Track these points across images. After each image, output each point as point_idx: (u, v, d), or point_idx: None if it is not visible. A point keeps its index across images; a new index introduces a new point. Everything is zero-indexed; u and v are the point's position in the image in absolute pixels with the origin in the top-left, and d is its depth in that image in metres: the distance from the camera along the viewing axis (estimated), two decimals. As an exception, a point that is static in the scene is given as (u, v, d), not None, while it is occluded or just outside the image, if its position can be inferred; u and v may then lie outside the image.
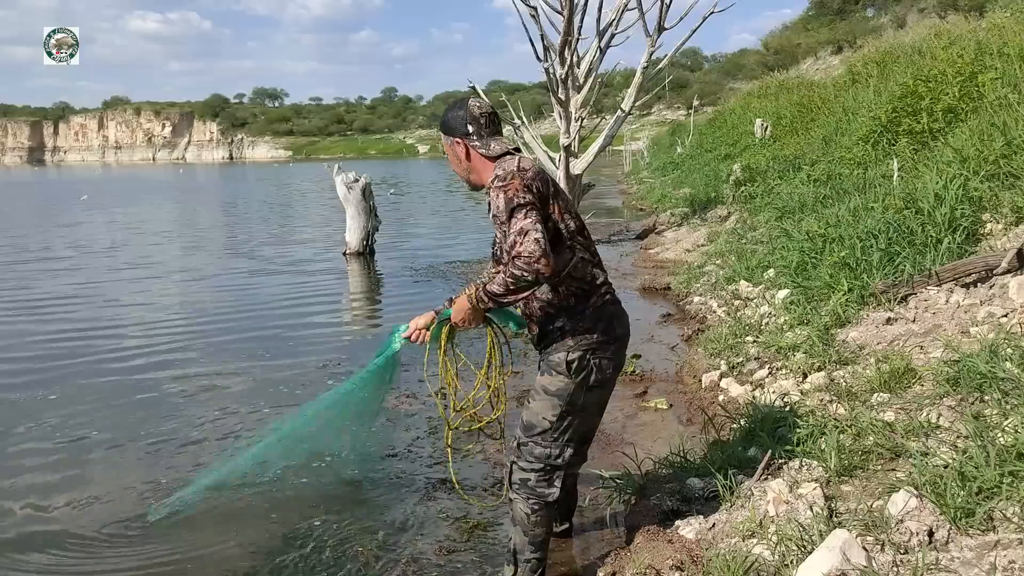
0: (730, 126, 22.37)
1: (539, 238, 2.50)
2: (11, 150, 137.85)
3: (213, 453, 4.62)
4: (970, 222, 5.05)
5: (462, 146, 2.85)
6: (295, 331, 7.78)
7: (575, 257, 2.74)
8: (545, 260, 2.49)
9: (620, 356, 2.90)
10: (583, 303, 2.76)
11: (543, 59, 11.10)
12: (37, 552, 3.58)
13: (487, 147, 2.82)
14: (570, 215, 2.78)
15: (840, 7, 35.40)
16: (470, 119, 2.83)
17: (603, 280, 2.84)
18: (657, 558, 2.88)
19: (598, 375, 2.79)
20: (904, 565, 2.35)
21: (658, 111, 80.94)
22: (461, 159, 2.87)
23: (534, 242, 2.49)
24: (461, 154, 2.86)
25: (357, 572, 3.28)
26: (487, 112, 2.86)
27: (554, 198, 2.72)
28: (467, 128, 2.83)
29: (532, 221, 2.53)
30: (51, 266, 12.75)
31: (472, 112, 2.83)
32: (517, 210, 2.56)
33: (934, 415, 3.18)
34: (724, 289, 7.22)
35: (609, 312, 2.81)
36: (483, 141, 2.82)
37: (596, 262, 2.84)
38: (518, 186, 2.59)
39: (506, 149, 2.81)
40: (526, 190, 2.59)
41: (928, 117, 7.96)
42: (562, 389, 2.78)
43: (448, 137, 2.89)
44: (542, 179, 2.70)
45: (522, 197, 2.57)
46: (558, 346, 2.78)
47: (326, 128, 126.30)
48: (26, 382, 6.16)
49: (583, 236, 2.81)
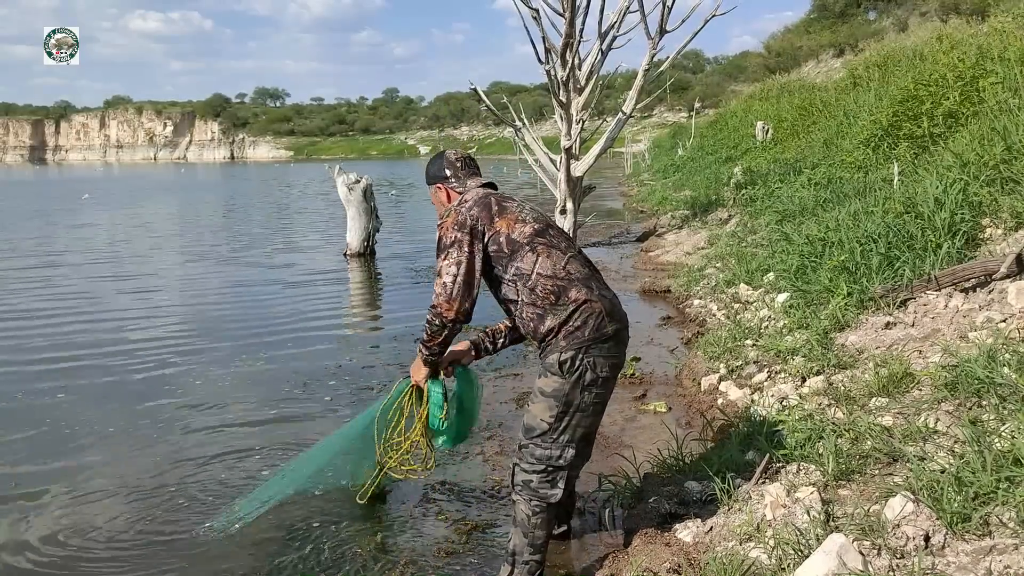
0: (731, 129, 22.40)
1: (446, 281, 2.82)
2: (12, 149, 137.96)
3: (209, 453, 4.65)
4: (970, 227, 5.05)
5: (443, 190, 3.18)
6: (295, 332, 7.77)
7: (538, 256, 2.86)
8: (446, 304, 2.82)
9: (617, 354, 2.92)
10: (563, 298, 2.83)
11: (544, 61, 11.09)
12: (37, 549, 3.59)
13: (463, 185, 3.13)
14: (524, 222, 2.93)
15: (842, 10, 35.38)
16: (447, 164, 3.18)
17: (583, 274, 2.89)
18: (654, 561, 2.89)
19: (592, 374, 2.82)
20: (900, 570, 2.36)
21: (659, 113, 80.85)
22: (444, 202, 3.17)
23: (441, 286, 2.83)
24: (443, 198, 3.18)
25: (356, 573, 3.29)
26: (463, 157, 3.23)
27: (500, 215, 2.92)
28: (445, 173, 3.18)
29: (448, 264, 2.83)
30: (46, 269, 12.75)
31: (448, 159, 3.20)
32: (441, 251, 2.88)
33: (932, 420, 3.19)
34: (724, 292, 7.22)
35: (598, 309, 2.84)
36: (460, 181, 3.15)
37: (571, 256, 2.93)
38: (449, 224, 2.88)
39: (479, 184, 3.10)
40: (457, 227, 2.86)
41: (929, 121, 7.97)
42: (557, 390, 2.82)
43: (432, 186, 3.22)
44: (484, 204, 2.92)
45: (450, 236, 2.86)
46: (552, 347, 2.84)
47: (327, 128, 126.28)
48: (30, 388, 6.17)
49: (546, 236, 2.94)
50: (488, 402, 5.25)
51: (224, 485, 4.21)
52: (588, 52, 11.81)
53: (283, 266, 12.39)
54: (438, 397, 3.28)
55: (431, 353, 3.06)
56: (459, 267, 2.81)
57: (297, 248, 14.66)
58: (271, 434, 4.98)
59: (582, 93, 11.52)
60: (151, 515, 3.88)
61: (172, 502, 4.03)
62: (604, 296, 2.89)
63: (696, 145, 26.29)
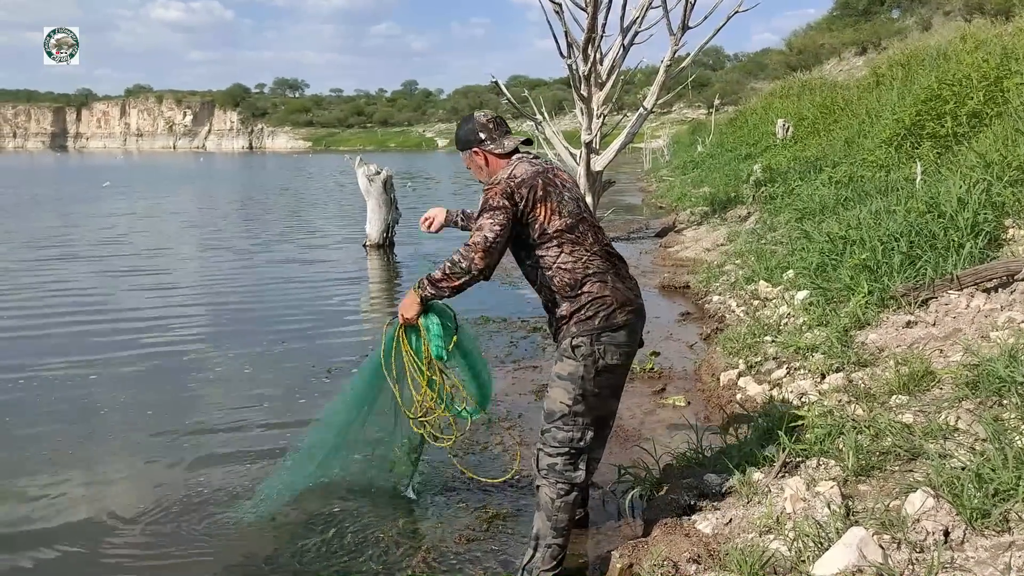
0: (751, 126, 22.31)
1: (488, 235, 2.80)
2: (34, 135, 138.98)
3: (231, 438, 4.72)
4: (992, 227, 5.05)
5: (480, 155, 3.12)
6: (315, 321, 7.85)
7: (562, 252, 2.93)
8: (482, 253, 2.80)
9: (628, 343, 3.01)
10: (578, 289, 2.92)
11: (566, 55, 11.11)
12: (57, 533, 3.68)
13: (501, 146, 3.09)
14: (560, 215, 2.95)
15: (865, 8, 35.13)
16: (480, 128, 3.12)
17: (600, 269, 2.97)
18: (674, 551, 2.92)
19: (604, 359, 2.93)
20: (920, 563, 2.39)
21: (678, 109, 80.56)
22: (482, 167, 3.14)
23: (482, 237, 2.80)
24: (481, 162, 3.13)
25: (378, 557, 3.34)
26: (493, 117, 3.17)
27: (543, 201, 2.93)
28: (480, 136, 3.11)
29: (492, 223, 2.83)
30: (69, 255, 12.89)
31: (480, 121, 3.13)
32: (485, 212, 2.86)
33: (952, 418, 3.21)
34: (743, 289, 7.23)
35: (610, 301, 2.93)
36: (496, 142, 3.10)
37: (595, 252, 2.99)
38: (498, 191, 2.88)
39: (516, 144, 3.09)
40: (504, 195, 2.87)
41: (952, 121, 7.94)
42: (573, 372, 2.93)
43: (466, 152, 3.16)
44: (530, 185, 2.91)
45: (496, 201, 2.86)
46: (565, 333, 2.97)
47: (346, 120, 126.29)
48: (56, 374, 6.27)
49: (575, 232, 2.97)
50: (507, 393, 5.31)
51: (249, 468, 4.29)
52: (610, 47, 11.84)
53: (303, 256, 12.47)
54: (437, 328, 3.17)
55: (437, 293, 2.96)
56: (501, 229, 2.83)
57: (317, 238, 14.73)
58: (297, 416, 5.07)
59: (603, 88, 11.55)
60: (176, 498, 3.95)
61: (197, 486, 4.10)
62: (617, 288, 2.98)
63: (715, 142, 26.19)
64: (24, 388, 5.72)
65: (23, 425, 4.99)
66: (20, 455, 4.52)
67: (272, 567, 3.31)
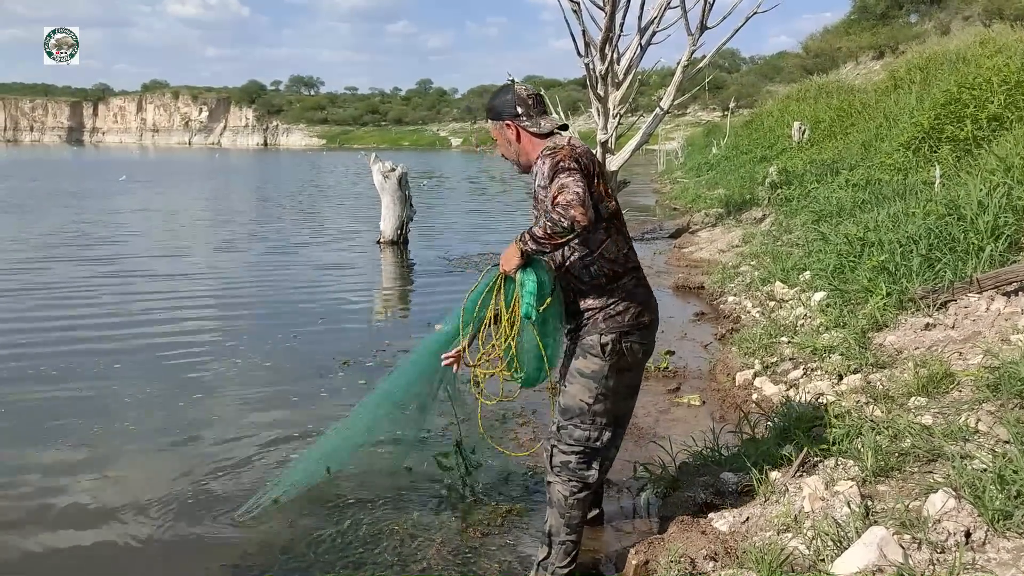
0: (767, 128, 22.20)
1: (579, 191, 2.55)
2: (51, 129, 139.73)
3: (248, 430, 4.74)
4: (1013, 231, 5.01)
5: (512, 128, 2.91)
6: (329, 317, 7.87)
7: (608, 238, 2.82)
8: (582, 209, 2.53)
9: (649, 342, 2.98)
10: (613, 283, 2.84)
11: (584, 55, 11.10)
12: (67, 524, 3.70)
13: (537, 125, 2.88)
14: (611, 197, 2.85)
15: (883, 12, 34.88)
16: (518, 101, 2.90)
17: (634, 264, 2.93)
18: (691, 548, 2.92)
19: (629, 358, 2.88)
20: (940, 564, 2.37)
21: (693, 112, 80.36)
22: (512, 141, 2.93)
23: (573, 193, 2.55)
24: (512, 136, 2.92)
25: (393, 549, 3.34)
26: (533, 94, 2.94)
27: (598, 177, 2.79)
28: (516, 110, 2.89)
29: (574, 180, 2.59)
30: (85, 251, 12.97)
31: (520, 95, 2.91)
32: (560, 172, 2.62)
33: (973, 420, 3.18)
34: (759, 290, 7.20)
35: (640, 297, 2.90)
36: (533, 120, 2.89)
37: (631, 247, 2.93)
38: (566, 154, 2.66)
39: (555, 127, 2.89)
40: (573, 159, 2.65)
41: (972, 124, 7.88)
42: (597, 371, 2.86)
43: (497, 122, 2.95)
44: (590, 157, 2.77)
45: (568, 163, 2.63)
46: (591, 328, 2.86)
47: (360, 118, 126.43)
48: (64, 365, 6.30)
49: (619, 220, 2.89)
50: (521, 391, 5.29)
51: (264, 459, 4.31)
52: (627, 47, 11.82)
53: (317, 252, 12.50)
54: (532, 286, 2.85)
55: (539, 248, 2.67)
56: (586, 184, 2.61)
57: (331, 234, 14.77)
58: (314, 408, 5.11)
59: (620, 87, 11.53)
60: (191, 488, 3.98)
61: (212, 475, 4.12)
62: (645, 287, 2.96)
63: (731, 144, 26.10)
64: (43, 379, 5.76)
65: (44, 418, 5.03)
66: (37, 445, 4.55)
67: (288, 557, 3.32)
